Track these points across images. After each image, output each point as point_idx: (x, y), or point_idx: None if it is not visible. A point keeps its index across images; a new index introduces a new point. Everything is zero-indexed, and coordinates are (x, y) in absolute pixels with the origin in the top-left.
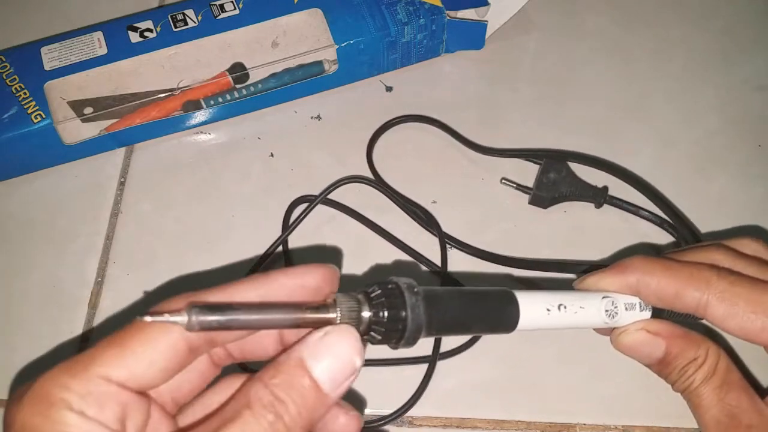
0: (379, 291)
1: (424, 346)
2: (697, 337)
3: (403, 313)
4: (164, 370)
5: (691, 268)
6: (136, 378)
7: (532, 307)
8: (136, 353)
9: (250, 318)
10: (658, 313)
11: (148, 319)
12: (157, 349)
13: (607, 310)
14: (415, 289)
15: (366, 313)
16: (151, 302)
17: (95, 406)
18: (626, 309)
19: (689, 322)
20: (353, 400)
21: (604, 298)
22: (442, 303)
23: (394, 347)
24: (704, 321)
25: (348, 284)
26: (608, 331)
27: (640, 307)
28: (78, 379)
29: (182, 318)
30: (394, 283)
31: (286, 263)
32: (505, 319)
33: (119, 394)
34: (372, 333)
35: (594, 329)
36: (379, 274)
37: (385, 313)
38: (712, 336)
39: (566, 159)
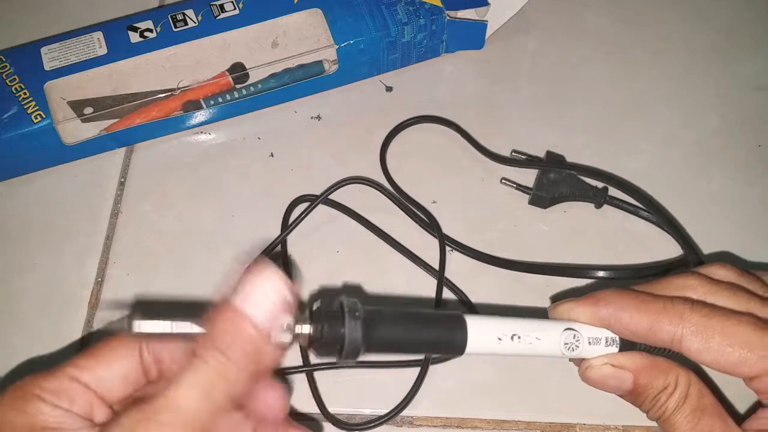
0: (321, 309)
1: None
2: (665, 364)
3: (342, 331)
4: (124, 378)
5: (665, 302)
6: (99, 381)
7: (482, 335)
8: (101, 362)
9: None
10: (630, 345)
11: (105, 326)
12: (120, 361)
13: (566, 343)
14: (357, 311)
15: (307, 329)
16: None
17: (66, 400)
18: (590, 343)
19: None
20: (354, 398)
21: (566, 330)
22: (383, 325)
23: (338, 361)
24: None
25: (347, 285)
26: (579, 361)
27: (606, 342)
28: (49, 380)
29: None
30: (338, 303)
31: (284, 263)
32: (451, 345)
33: (86, 393)
34: (314, 347)
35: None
36: (376, 275)
37: (325, 330)
38: (684, 359)
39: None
